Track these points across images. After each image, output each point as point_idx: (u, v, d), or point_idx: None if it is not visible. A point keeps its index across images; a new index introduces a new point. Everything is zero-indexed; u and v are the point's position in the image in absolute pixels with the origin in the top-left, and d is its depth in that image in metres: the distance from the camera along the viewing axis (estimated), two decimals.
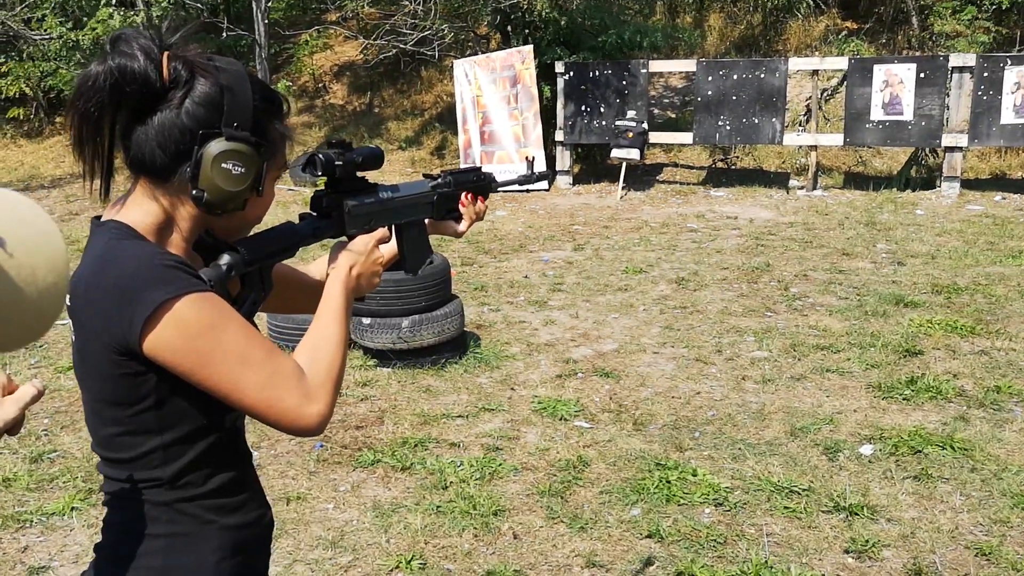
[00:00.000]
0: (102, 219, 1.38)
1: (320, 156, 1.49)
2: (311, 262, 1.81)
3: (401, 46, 14.28)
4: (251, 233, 1.47)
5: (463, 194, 1.86)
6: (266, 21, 14.27)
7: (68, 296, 1.32)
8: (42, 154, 15.73)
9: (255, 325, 1.50)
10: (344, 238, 1.57)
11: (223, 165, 1.32)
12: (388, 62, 15.65)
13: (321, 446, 4.41)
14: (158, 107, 1.30)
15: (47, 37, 14.12)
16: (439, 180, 1.82)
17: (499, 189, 2.00)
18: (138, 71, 1.27)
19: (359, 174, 1.59)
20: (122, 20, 12.93)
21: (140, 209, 1.35)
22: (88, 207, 12.15)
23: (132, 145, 1.32)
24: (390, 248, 1.70)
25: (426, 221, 1.81)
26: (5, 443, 4.48)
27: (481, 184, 1.91)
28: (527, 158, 2.28)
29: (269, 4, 14.52)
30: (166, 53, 1.30)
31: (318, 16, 16.76)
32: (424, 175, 1.84)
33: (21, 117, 16.00)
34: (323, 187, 1.57)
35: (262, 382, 1.29)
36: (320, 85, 16.65)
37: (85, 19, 14.04)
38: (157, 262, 1.26)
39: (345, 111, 16.08)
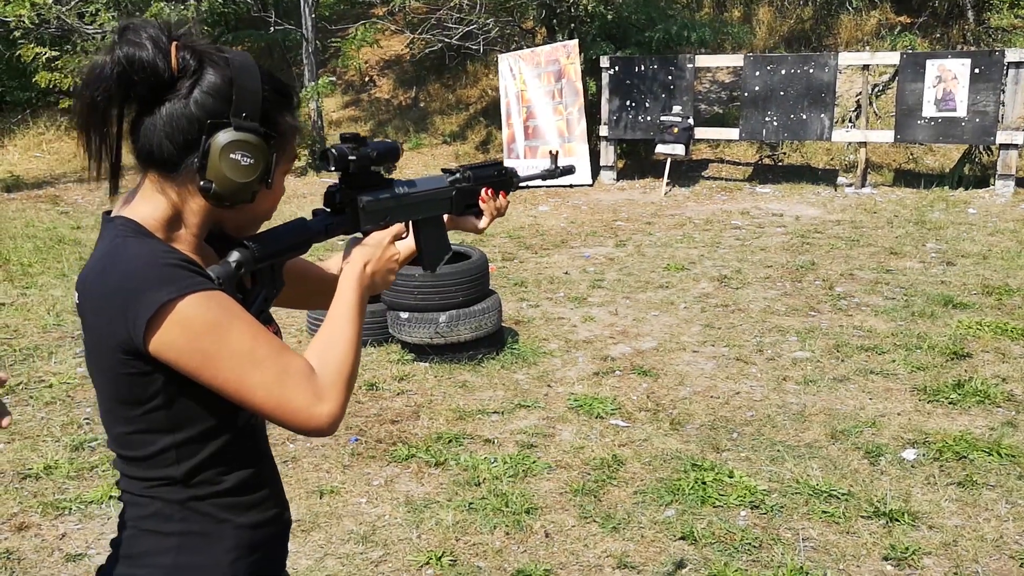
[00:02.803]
0: (111, 215, 1.36)
1: (333, 150, 1.45)
2: (330, 257, 1.79)
3: (447, 40, 14.29)
4: (262, 229, 1.45)
5: (483, 189, 1.81)
6: (313, 15, 14.37)
7: (76, 294, 1.32)
8: None
9: (274, 322, 1.49)
10: (359, 234, 1.54)
11: (231, 155, 1.29)
12: (434, 56, 15.67)
13: (356, 440, 4.42)
14: (166, 97, 1.28)
15: (100, 32, 14.36)
16: (457, 175, 1.77)
17: (522, 185, 1.95)
18: (146, 60, 1.25)
19: (376, 169, 1.55)
20: (172, 15, 13.12)
21: (148, 204, 1.33)
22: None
23: (140, 137, 1.30)
24: (407, 244, 1.65)
25: (445, 217, 1.77)
26: (47, 431, 4.56)
27: (502, 179, 1.85)
28: (551, 152, 2.19)
29: None
30: (175, 43, 1.28)
31: (365, 10, 16.83)
32: (443, 169, 1.80)
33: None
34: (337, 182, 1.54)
35: (269, 381, 1.27)
36: (367, 79, 16.73)
37: (137, 14, 14.27)
38: (160, 261, 1.24)
39: (391, 105, 16.14)
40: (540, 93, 12.50)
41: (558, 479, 4.00)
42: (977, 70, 10.39)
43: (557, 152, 2.18)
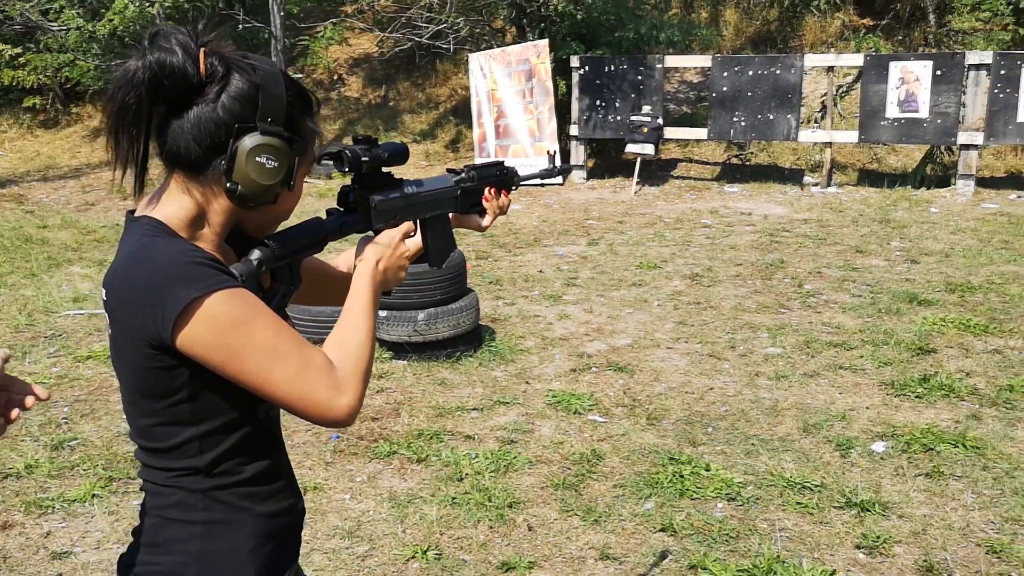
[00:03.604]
0: (136, 214, 1.41)
1: (347, 152, 1.52)
2: (338, 254, 1.85)
3: (416, 39, 14.30)
4: (280, 228, 1.51)
5: (486, 188, 1.89)
6: (282, 13, 14.31)
7: (104, 291, 1.37)
8: (59, 144, 15.83)
9: (289, 318, 1.54)
10: (370, 232, 1.61)
11: (257, 159, 1.35)
12: (403, 55, 15.68)
13: (337, 437, 4.46)
14: (194, 101, 1.33)
15: (65, 28, 14.21)
16: (463, 175, 1.84)
17: (521, 183, 2.03)
18: (176, 65, 1.30)
19: (384, 169, 1.62)
20: (137, 11, 12.99)
21: (173, 204, 1.38)
22: (104, 197, 12.25)
23: (167, 139, 1.35)
24: (415, 242, 1.73)
25: (450, 215, 1.84)
26: (26, 430, 4.55)
27: (504, 178, 1.93)
28: (548, 152, 2.30)
29: None
30: (203, 49, 1.33)
31: (334, 8, 16.79)
32: (447, 170, 1.87)
33: (38, 107, 16.11)
34: (349, 182, 1.60)
35: (292, 375, 1.32)
36: (335, 78, 16.69)
37: (102, 11, 14.14)
38: (186, 259, 1.29)
39: (360, 104, 16.12)
40: (511, 92, 12.58)
41: (539, 474, 4.07)
42: (939, 72, 10.62)
43: (555, 152, 2.28)
